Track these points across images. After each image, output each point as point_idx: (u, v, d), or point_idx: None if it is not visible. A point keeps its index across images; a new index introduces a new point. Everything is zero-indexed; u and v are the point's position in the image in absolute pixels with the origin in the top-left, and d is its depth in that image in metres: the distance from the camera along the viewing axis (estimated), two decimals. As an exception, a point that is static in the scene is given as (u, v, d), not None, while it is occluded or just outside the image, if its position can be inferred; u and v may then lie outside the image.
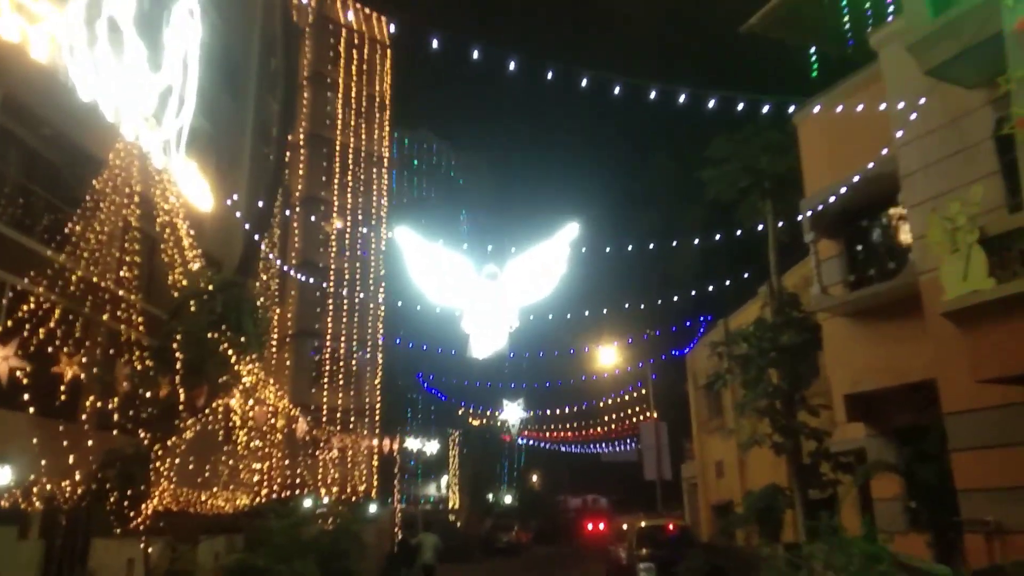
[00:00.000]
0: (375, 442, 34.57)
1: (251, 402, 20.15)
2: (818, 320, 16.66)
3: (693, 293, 24.35)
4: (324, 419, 34.85)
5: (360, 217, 42.30)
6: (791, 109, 14.95)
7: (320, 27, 43.51)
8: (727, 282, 21.10)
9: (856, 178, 12.12)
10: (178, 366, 16.27)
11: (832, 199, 13.02)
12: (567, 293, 21.75)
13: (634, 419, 42.45)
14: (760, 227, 17.88)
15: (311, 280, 34.06)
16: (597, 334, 32.30)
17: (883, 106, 11.78)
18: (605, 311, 23.62)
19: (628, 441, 49.54)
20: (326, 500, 32.09)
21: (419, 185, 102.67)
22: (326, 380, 37.90)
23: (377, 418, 38.32)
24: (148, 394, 16.06)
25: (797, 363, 16.16)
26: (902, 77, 11.24)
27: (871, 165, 11.76)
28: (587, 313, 23.46)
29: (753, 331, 16.10)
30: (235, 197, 22.66)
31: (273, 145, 23.81)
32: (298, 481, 26.31)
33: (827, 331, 14.53)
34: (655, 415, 31.50)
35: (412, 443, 43.21)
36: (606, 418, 43.39)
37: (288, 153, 41.04)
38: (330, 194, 41.46)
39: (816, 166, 14.42)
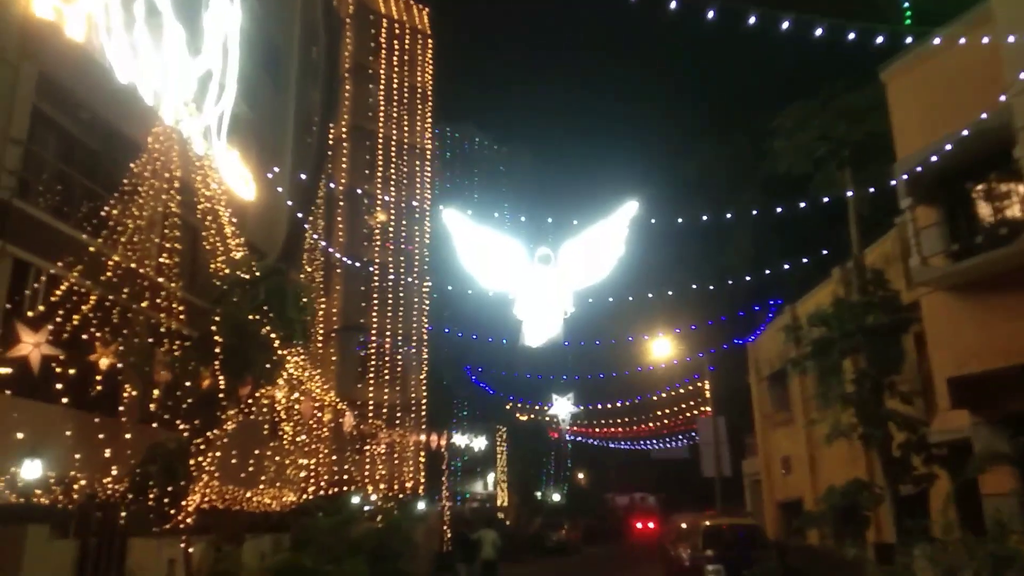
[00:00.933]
0: (422, 438, 33.73)
1: (296, 395, 19.42)
2: (907, 298, 15.25)
3: (748, 278, 22.91)
4: (371, 414, 34.16)
5: (404, 210, 41.56)
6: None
7: (360, 17, 42.89)
8: (800, 261, 19.63)
9: (965, 132, 10.73)
10: (219, 355, 15.48)
11: (932, 159, 11.64)
12: (621, 279, 20.54)
13: (688, 414, 40.98)
14: (825, 201, 16.49)
15: (358, 264, 33.30)
16: (650, 323, 30.90)
17: (988, 51, 10.40)
18: (670, 292, 22.28)
19: (680, 437, 48.02)
20: (374, 497, 31.38)
21: (464, 175, 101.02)
22: (372, 375, 37.23)
23: (423, 413, 37.49)
24: (188, 384, 15.34)
25: (885, 346, 14.75)
26: (1019, 15, 9.86)
27: (984, 116, 10.38)
28: (650, 295, 22.13)
29: (834, 312, 14.72)
30: (276, 171, 21.78)
31: (316, 130, 22.88)
32: (345, 477, 25.58)
33: (928, 308, 13.12)
34: (712, 409, 30.10)
35: (459, 439, 42.40)
36: (658, 412, 41.92)
37: (331, 145, 40.77)
38: (373, 187, 40.77)
39: (909, 125, 13.03)
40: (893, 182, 12.29)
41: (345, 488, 24.80)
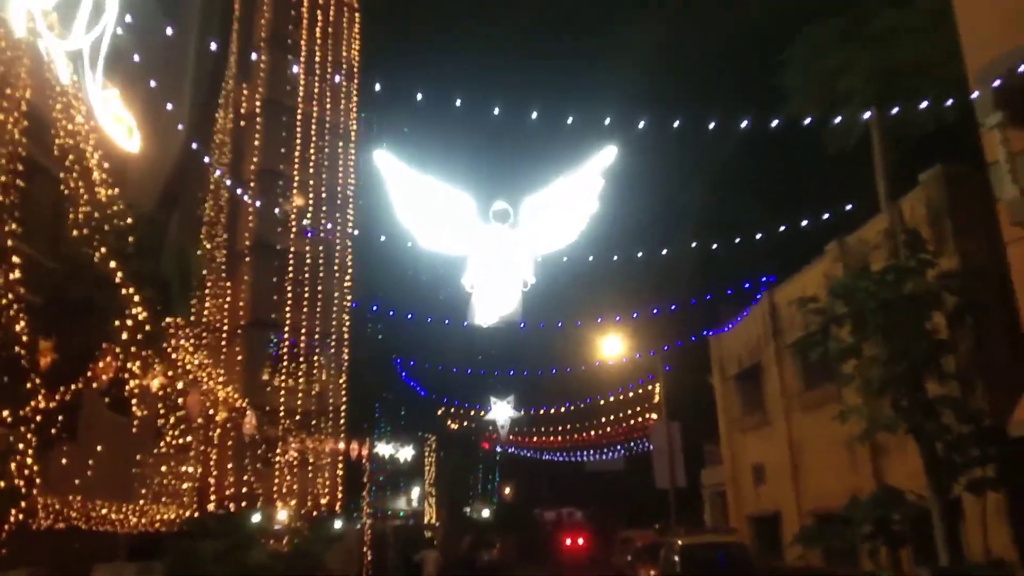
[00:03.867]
0: (340, 446, 29.63)
1: (180, 385, 15.38)
2: (945, 264, 12.51)
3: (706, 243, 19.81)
4: (283, 420, 29.81)
5: (324, 195, 37.41)
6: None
7: (281, -17, 38.72)
8: (780, 233, 16.75)
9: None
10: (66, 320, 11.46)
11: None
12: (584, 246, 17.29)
13: (632, 421, 38.08)
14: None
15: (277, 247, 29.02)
16: (601, 313, 27.71)
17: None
18: (639, 254, 19.00)
19: (618, 448, 45.24)
20: (282, 515, 27.09)
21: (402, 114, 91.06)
22: (284, 377, 32.83)
23: (342, 420, 33.30)
24: (24, 363, 11.29)
25: (918, 321, 11.93)
26: None
27: None
28: (615, 258, 18.83)
29: (870, 278, 11.80)
30: (170, 108, 17.68)
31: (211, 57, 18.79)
32: (245, 492, 21.34)
33: (1016, 258, 10.31)
34: (665, 413, 27.19)
35: (383, 448, 38.38)
36: (602, 419, 38.83)
37: (242, 117, 36.38)
38: (290, 168, 36.46)
39: (983, 27, 10.25)
40: (974, 95, 9.41)
41: (244, 504, 20.60)
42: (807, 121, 12.65)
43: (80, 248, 12.06)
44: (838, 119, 12.92)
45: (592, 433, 41.42)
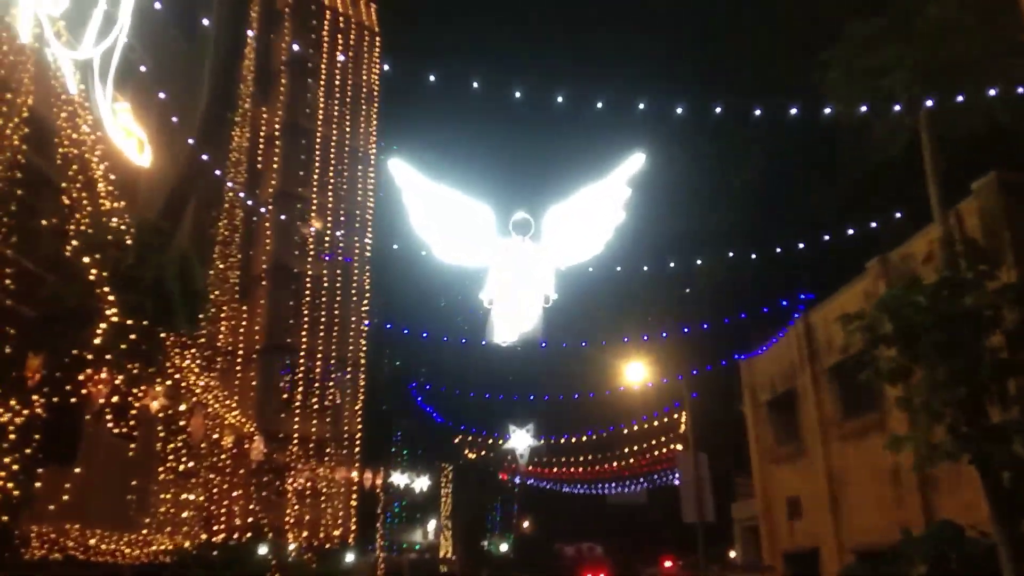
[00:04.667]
0: (354, 475, 28.66)
1: (183, 407, 14.61)
2: (1006, 278, 11.49)
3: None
4: (295, 447, 28.94)
5: (343, 218, 36.97)
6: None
7: (301, 7, 38.78)
8: (820, 253, 15.78)
9: None
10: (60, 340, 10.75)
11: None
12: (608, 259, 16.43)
13: (655, 452, 36.76)
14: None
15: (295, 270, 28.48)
16: (625, 334, 26.68)
17: None
18: (672, 264, 18.00)
19: (641, 481, 43.75)
20: (292, 547, 26.13)
21: (419, 118, 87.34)
22: (298, 402, 32.05)
23: (357, 449, 32.37)
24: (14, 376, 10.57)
25: (975, 339, 10.86)
26: None
27: None
28: (645, 268, 17.89)
29: (923, 292, 10.79)
30: (175, 121, 17.16)
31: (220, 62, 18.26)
32: (250, 521, 20.41)
33: None
34: (692, 443, 25.92)
35: (399, 478, 37.31)
36: (625, 450, 37.52)
37: (262, 140, 36.15)
38: (308, 191, 36.13)
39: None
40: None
41: (251, 535, 19.68)
42: (853, 119, 11.78)
43: (79, 258, 11.38)
44: (886, 116, 12.02)
45: (614, 464, 40.10)
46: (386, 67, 13.74)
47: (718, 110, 11.31)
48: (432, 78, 12.25)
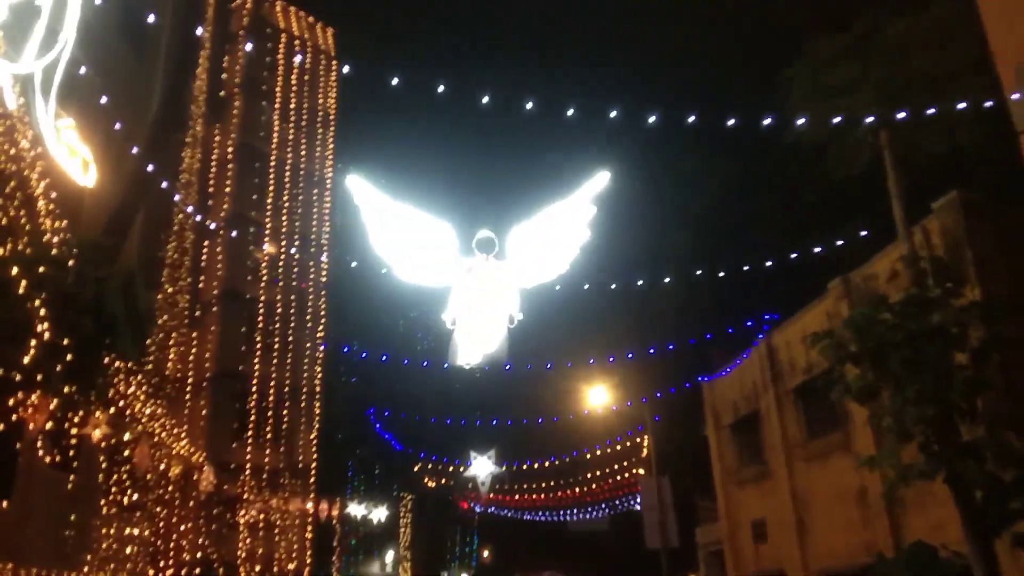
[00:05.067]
0: (309, 507, 27.69)
1: (127, 436, 13.80)
2: (970, 296, 11.55)
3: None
4: (247, 478, 27.86)
5: (297, 242, 36.16)
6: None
7: (256, 29, 38.16)
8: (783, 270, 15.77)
9: None
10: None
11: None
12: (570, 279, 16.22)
13: (616, 477, 36.41)
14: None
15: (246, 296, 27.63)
16: (587, 359, 26.32)
17: None
18: (639, 283, 17.73)
19: (603, 507, 43.32)
20: (245, 583, 25.06)
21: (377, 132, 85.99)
22: (250, 432, 30.96)
23: (312, 478, 31.37)
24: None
25: (942, 356, 10.84)
26: None
27: None
28: (612, 286, 17.62)
29: (891, 310, 10.73)
30: (118, 127, 16.50)
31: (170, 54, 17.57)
32: (200, 556, 19.47)
33: None
34: (655, 467, 25.67)
35: (355, 509, 36.26)
36: (588, 475, 37.07)
37: (214, 163, 35.28)
38: (262, 215, 35.30)
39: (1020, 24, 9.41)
40: (1015, 96, 8.49)
41: (199, 570, 18.73)
42: (816, 136, 11.77)
43: (8, 270, 10.66)
44: (849, 135, 12.04)
45: (576, 490, 39.59)
46: (345, 68, 13.27)
47: (690, 119, 11.16)
48: (395, 81, 11.90)
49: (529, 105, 12.33)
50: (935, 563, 10.70)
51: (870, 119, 12.36)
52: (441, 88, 12.30)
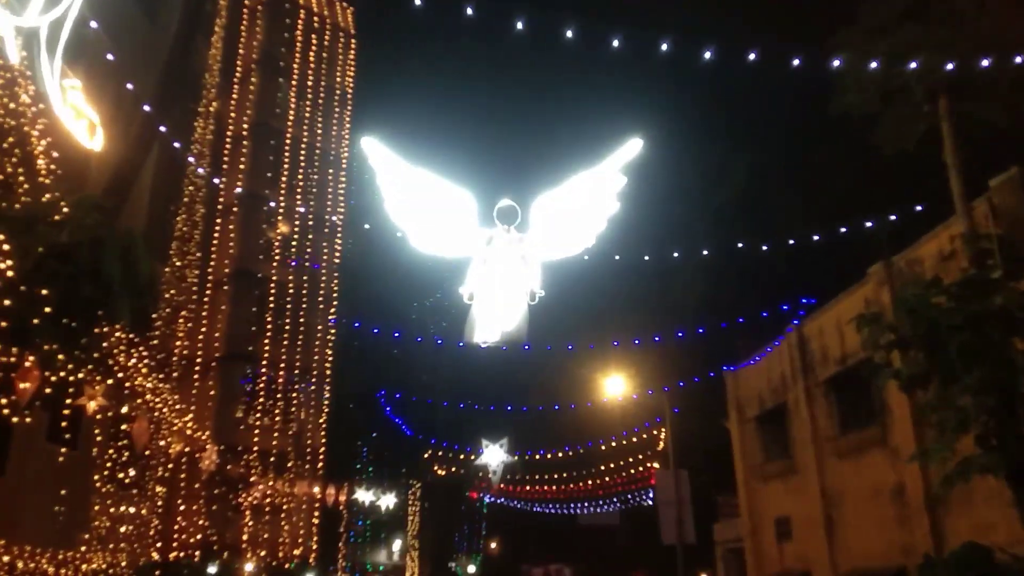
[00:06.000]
0: (316, 491, 27.05)
1: (125, 408, 13.12)
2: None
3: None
4: (254, 460, 27.25)
5: (311, 223, 35.49)
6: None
7: (275, 5, 37.49)
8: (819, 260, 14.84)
9: None
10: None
11: None
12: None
13: (631, 471, 35.57)
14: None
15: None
16: (603, 348, 25.45)
17: None
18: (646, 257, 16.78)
19: (614, 501, 42.46)
20: (250, 567, 24.47)
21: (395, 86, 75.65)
22: (259, 414, 30.38)
23: (320, 462, 30.75)
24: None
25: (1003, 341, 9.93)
26: None
27: None
28: (647, 258, 16.70)
29: (954, 289, 9.82)
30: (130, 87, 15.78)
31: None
32: (201, 538, 18.84)
33: None
34: (672, 460, 24.84)
35: (363, 495, 35.64)
36: (602, 467, 36.22)
37: (229, 142, 34.66)
38: (276, 194, 34.63)
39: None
40: None
41: (199, 553, 18.09)
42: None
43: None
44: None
45: (589, 483, 38.77)
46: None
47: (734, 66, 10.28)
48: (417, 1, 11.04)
49: (569, 33, 11.43)
50: (991, 566, 9.79)
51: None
52: (469, 11, 11.30)
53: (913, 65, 10.88)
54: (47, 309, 8.71)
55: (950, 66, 11.06)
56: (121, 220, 13.67)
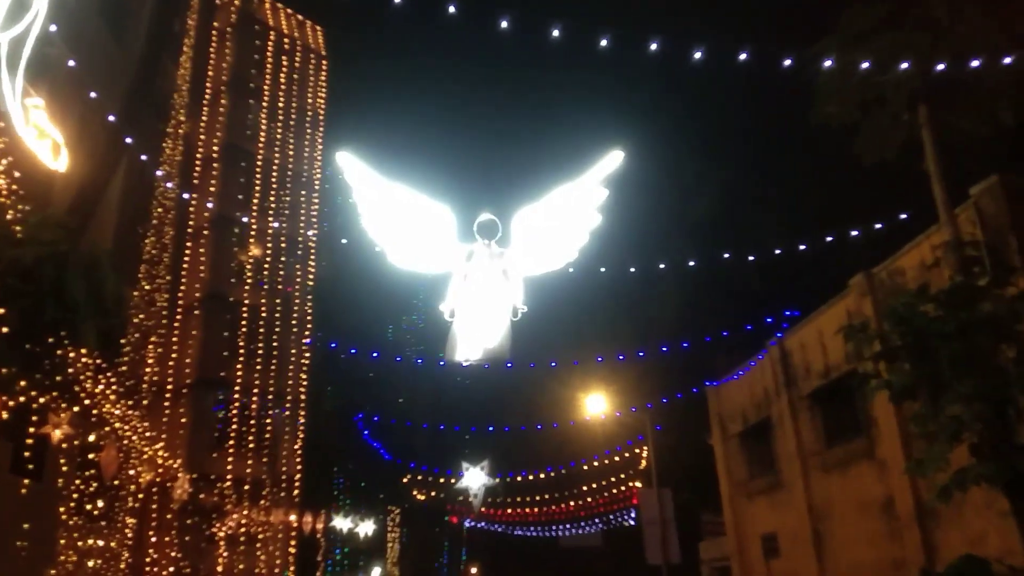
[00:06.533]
0: (292, 519, 26.32)
1: (92, 437, 12.57)
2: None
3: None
4: (228, 489, 26.47)
5: (284, 245, 34.92)
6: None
7: (244, 27, 37.10)
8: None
9: None
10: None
11: None
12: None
13: (613, 490, 35.21)
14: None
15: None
16: (584, 365, 25.18)
17: None
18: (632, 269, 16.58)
19: (596, 522, 41.96)
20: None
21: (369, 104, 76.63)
22: (232, 441, 29.59)
23: (296, 490, 30.00)
24: None
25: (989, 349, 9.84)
26: None
27: None
28: (633, 270, 16.47)
29: (943, 297, 9.72)
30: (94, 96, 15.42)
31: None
32: (173, 571, 18.19)
33: None
34: (655, 478, 24.50)
35: (341, 522, 34.85)
36: (583, 488, 35.79)
37: (199, 164, 34.09)
38: (248, 216, 34.02)
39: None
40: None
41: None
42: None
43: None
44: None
45: (570, 504, 38.28)
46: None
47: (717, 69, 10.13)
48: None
49: (556, 33, 11.25)
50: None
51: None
52: (451, 8, 11.06)
53: (893, 71, 10.85)
54: (4, 329, 8.22)
55: (933, 70, 11.05)
56: (86, 240, 13.23)
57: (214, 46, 36.10)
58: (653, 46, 11.00)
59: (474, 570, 57.37)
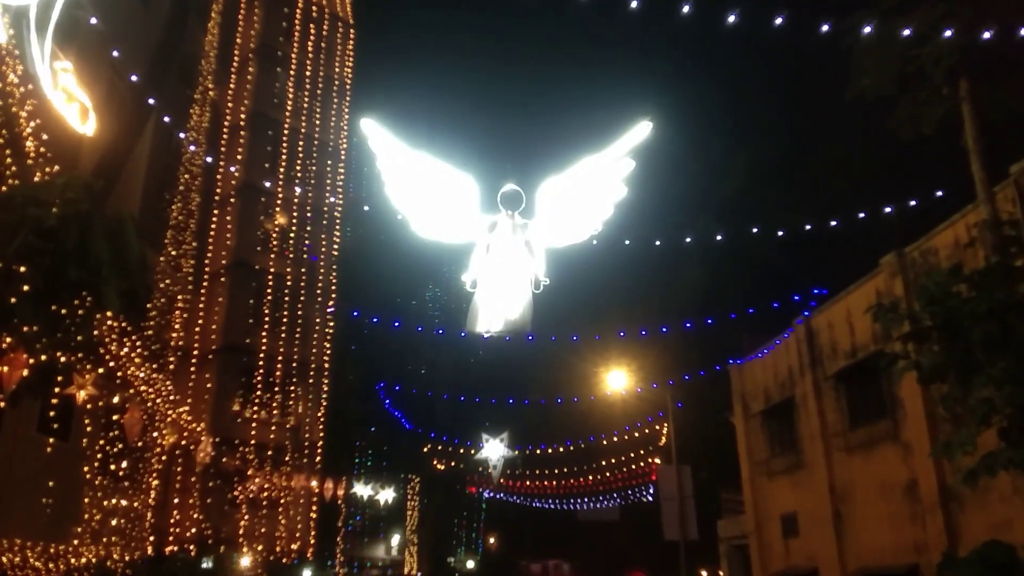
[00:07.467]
0: (314, 484, 26.67)
1: (116, 398, 12.74)
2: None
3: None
4: (250, 453, 26.85)
5: (309, 214, 35.04)
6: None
7: (272, -6, 36.95)
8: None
9: None
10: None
11: None
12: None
13: (632, 466, 35.21)
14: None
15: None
16: (605, 340, 25.03)
17: None
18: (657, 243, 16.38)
19: (614, 496, 42.07)
20: (246, 562, 24.11)
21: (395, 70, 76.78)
22: (256, 407, 29.97)
23: (318, 456, 30.35)
24: None
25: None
26: None
27: None
28: (659, 244, 16.28)
29: (976, 277, 9.45)
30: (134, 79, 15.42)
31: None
32: (194, 532, 18.46)
33: None
34: (674, 455, 24.42)
35: (361, 489, 35.29)
36: (603, 462, 35.88)
37: (225, 132, 34.22)
38: (274, 184, 34.14)
39: None
40: None
41: (196, 548, 17.71)
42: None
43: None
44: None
45: (589, 478, 38.38)
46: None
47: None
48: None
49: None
50: (1014, 564, 9.45)
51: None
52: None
53: (933, 43, 10.48)
54: (26, 287, 8.26)
55: (976, 42, 10.67)
56: (112, 204, 13.28)
57: (243, 12, 36.06)
58: (685, 7, 10.69)
59: (492, 540, 57.98)
